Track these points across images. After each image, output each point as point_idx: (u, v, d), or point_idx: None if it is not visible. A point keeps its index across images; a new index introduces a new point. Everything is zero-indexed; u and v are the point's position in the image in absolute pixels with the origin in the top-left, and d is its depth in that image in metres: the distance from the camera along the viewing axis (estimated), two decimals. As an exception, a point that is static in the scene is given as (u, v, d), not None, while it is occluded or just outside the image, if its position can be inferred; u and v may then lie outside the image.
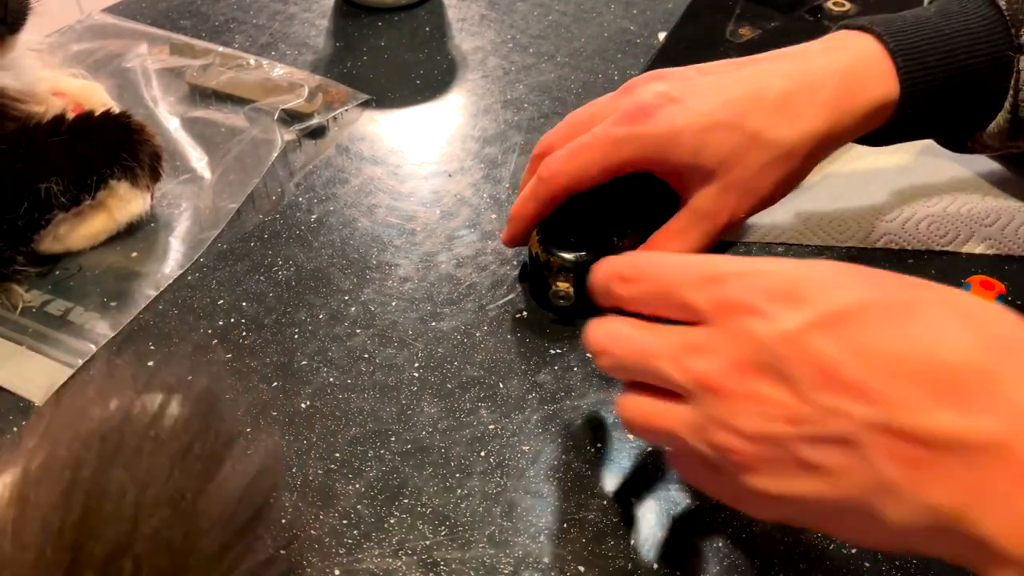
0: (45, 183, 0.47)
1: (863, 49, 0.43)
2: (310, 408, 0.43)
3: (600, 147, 0.43)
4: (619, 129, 0.43)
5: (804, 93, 0.43)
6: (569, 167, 0.44)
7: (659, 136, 0.42)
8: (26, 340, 0.46)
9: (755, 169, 0.43)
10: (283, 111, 0.60)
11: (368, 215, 0.54)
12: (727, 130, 0.42)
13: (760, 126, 0.42)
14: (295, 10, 0.72)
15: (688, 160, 0.43)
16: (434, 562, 0.37)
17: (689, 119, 0.42)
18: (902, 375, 0.27)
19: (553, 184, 0.44)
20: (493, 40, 0.69)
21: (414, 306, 0.48)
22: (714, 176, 0.43)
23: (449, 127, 0.61)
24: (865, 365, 0.27)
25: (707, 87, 0.43)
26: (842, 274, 0.30)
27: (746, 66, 0.44)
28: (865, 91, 0.43)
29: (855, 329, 0.28)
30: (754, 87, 0.43)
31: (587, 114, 0.46)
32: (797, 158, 0.43)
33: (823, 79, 0.43)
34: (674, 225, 0.45)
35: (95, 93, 0.58)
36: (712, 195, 0.44)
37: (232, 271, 0.50)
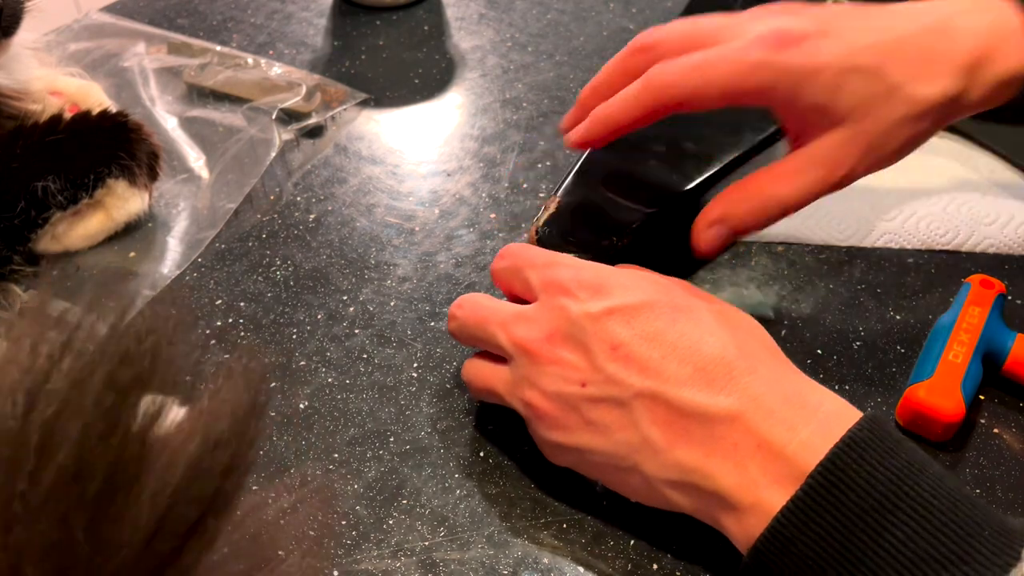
0: (42, 181, 0.47)
1: (1002, 15, 0.39)
2: (308, 408, 0.43)
3: (730, 67, 0.39)
4: (756, 52, 0.38)
5: (944, 51, 0.39)
6: (689, 80, 0.39)
7: (799, 69, 0.38)
8: (23, 340, 0.46)
9: (888, 123, 0.39)
10: (281, 110, 0.60)
11: (366, 215, 0.54)
12: (868, 76, 0.38)
13: (901, 78, 0.39)
14: (293, 9, 0.72)
15: (822, 100, 0.39)
16: (433, 563, 0.37)
17: (833, 56, 0.38)
18: (672, 357, 0.34)
19: (664, 94, 0.40)
20: (492, 39, 0.69)
21: (413, 306, 0.48)
22: (844, 122, 0.39)
23: (448, 126, 0.61)
24: (646, 345, 0.35)
25: (850, 27, 0.39)
26: (641, 279, 0.38)
27: (879, 14, 0.40)
28: (1002, 60, 0.39)
29: (642, 320, 0.35)
30: (895, 36, 0.39)
31: (712, 27, 0.41)
32: (928, 119, 0.40)
33: (963, 40, 0.39)
34: (786, 166, 0.41)
35: (92, 92, 0.58)
36: (837, 143, 0.40)
37: (230, 271, 0.50)
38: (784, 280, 0.49)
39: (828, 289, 0.49)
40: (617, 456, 0.35)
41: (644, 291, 0.36)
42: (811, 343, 0.46)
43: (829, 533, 0.31)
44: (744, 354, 0.35)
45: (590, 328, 0.35)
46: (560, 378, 0.36)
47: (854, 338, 0.46)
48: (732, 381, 0.34)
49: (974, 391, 0.41)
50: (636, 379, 0.34)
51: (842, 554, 0.30)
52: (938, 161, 0.56)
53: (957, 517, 0.30)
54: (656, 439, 0.34)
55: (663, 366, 0.34)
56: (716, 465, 0.33)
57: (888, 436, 0.32)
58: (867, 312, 0.47)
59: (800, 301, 0.48)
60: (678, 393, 0.34)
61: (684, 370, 0.34)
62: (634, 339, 0.35)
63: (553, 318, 0.37)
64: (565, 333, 0.36)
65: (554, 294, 0.37)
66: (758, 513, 0.32)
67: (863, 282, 0.49)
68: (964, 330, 0.42)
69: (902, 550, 0.30)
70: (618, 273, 0.38)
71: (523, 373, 0.37)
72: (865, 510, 0.30)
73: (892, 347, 0.45)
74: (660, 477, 0.34)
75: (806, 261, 0.50)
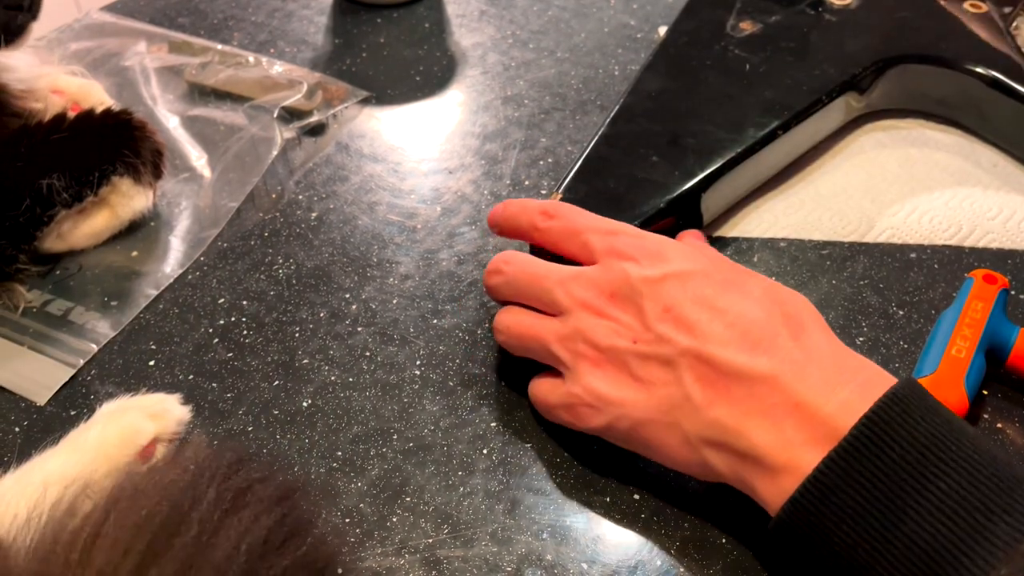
0: (47, 180, 0.47)
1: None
2: (311, 407, 0.43)
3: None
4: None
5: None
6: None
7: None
8: (27, 340, 0.46)
9: None
10: (282, 109, 0.60)
11: (368, 213, 0.54)
12: None
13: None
14: (294, 7, 0.72)
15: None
16: (436, 560, 0.37)
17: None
18: (719, 321, 0.36)
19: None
20: (493, 36, 0.69)
21: (415, 304, 0.48)
22: None
23: (449, 124, 0.61)
24: (696, 308, 0.36)
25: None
26: (698, 251, 0.40)
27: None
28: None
29: (695, 285, 0.37)
30: None
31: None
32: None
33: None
34: None
35: (93, 91, 0.58)
36: None
37: (232, 270, 0.50)
38: (787, 276, 0.49)
39: (831, 285, 0.48)
40: (659, 411, 0.36)
41: (700, 261, 0.39)
42: (814, 339, 0.46)
43: (873, 484, 0.31)
44: (790, 323, 0.36)
45: (646, 291, 0.37)
46: (614, 333, 0.38)
47: (857, 334, 0.46)
48: (774, 346, 0.35)
49: (977, 386, 0.41)
50: (683, 338, 0.36)
51: (886, 505, 0.31)
52: (941, 156, 0.56)
53: (999, 471, 0.31)
54: (697, 396, 0.35)
55: (710, 328, 0.36)
56: (753, 424, 0.34)
57: (928, 396, 0.33)
58: (870, 307, 0.47)
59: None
60: (721, 352, 0.35)
61: (729, 333, 0.35)
62: (686, 302, 0.37)
63: (614, 279, 0.39)
64: (624, 295, 0.38)
65: (616, 258, 0.39)
66: (792, 472, 0.33)
67: (866, 277, 0.49)
68: (967, 325, 0.42)
69: (946, 500, 0.30)
70: (677, 244, 0.40)
71: (578, 326, 0.38)
72: (909, 462, 0.31)
73: (895, 342, 0.45)
74: (698, 435, 0.35)
75: (809, 257, 0.50)
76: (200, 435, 0.41)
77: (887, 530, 0.31)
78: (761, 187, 0.54)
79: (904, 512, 0.31)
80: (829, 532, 0.32)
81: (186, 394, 0.42)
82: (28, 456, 0.38)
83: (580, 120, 0.60)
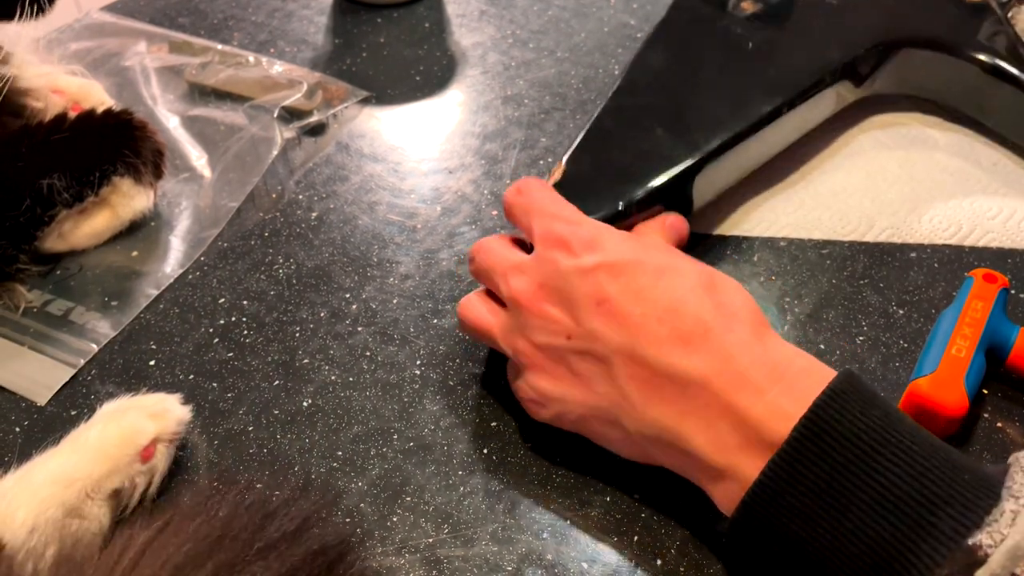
0: (48, 179, 0.47)
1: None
2: (312, 406, 0.43)
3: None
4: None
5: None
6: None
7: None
8: (27, 340, 0.46)
9: None
10: (283, 108, 0.60)
11: (369, 212, 0.54)
12: None
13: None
14: (294, 7, 0.72)
15: None
16: (437, 560, 0.37)
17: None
18: (652, 316, 0.35)
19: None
20: (492, 36, 0.69)
21: (415, 303, 0.48)
22: None
23: (449, 123, 0.61)
24: (630, 302, 0.36)
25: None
26: (633, 238, 0.39)
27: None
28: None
29: (628, 275, 0.37)
30: None
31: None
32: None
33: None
34: None
35: (93, 91, 0.58)
36: None
37: (233, 269, 0.50)
38: (786, 275, 0.49)
39: (831, 284, 0.48)
40: (600, 408, 0.37)
41: (634, 249, 0.38)
42: (814, 338, 0.46)
43: (817, 484, 0.31)
44: (723, 315, 0.35)
45: (578, 283, 0.37)
46: (548, 331, 0.38)
47: (857, 333, 0.46)
48: (707, 342, 0.35)
49: (977, 385, 0.41)
50: (616, 336, 0.36)
51: (831, 503, 0.31)
52: (940, 155, 0.56)
53: (939, 462, 0.31)
54: (633, 395, 0.35)
55: (643, 324, 0.35)
56: (689, 426, 0.34)
57: (865, 389, 0.33)
58: (870, 307, 0.47)
59: (803, 296, 0.48)
60: (654, 352, 0.35)
61: (662, 329, 0.35)
62: (619, 294, 0.36)
63: (545, 271, 0.38)
64: (553, 287, 0.38)
65: (550, 247, 0.39)
66: (734, 478, 0.33)
67: (866, 277, 0.49)
68: (967, 324, 0.42)
69: (887, 495, 0.30)
70: (612, 232, 0.39)
71: (517, 322, 0.39)
72: (850, 460, 0.31)
73: (895, 342, 0.45)
74: (639, 432, 0.36)
75: (808, 256, 0.50)
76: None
77: (835, 528, 0.31)
78: (761, 186, 0.54)
79: (848, 509, 0.31)
80: (781, 531, 0.32)
81: (186, 394, 0.42)
82: (28, 456, 0.38)
83: (580, 120, 0.60)
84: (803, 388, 0.33)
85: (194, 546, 0.27)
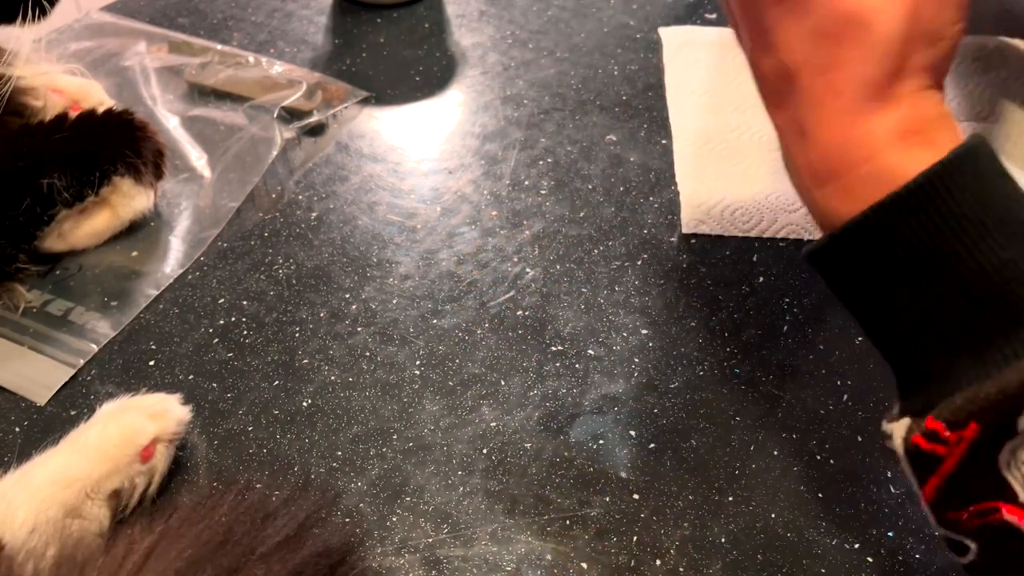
0: (48, 179, 0.47)
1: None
2: (312, 406, 0.43)
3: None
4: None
5: None
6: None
7: None
8: (27, 340, 0.46)
9: None
10: (282, 109, 0.60)
11: (368, 213, 0.54)
12: None
13: None
14: (294, 7, 0.72)
15: None
16: (436, 560, 0.37)
17: None
18: None
19: None
20: (492, 36, 0.69)
21: (415, 304, 0.48)
22: None
23: (449, 124, 0.61)
24: None
25: None
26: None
27: None
28: None
29: None
30: None
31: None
32: None
33: None
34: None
35: (92, 91, 0.58)
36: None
37: (233, 270, 0.50)
38: (787, 276, 0.49)
39: (830, 285, 0.49)
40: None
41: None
42: (813, 339, 0.46)
43: (934, 230, 0.29)
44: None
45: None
46: None
47: (856, 333, 0.46)
48: None
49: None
50: None
51: (938, 256, 0.29)
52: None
53: None
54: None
55: None
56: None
57: (998, 161, 0.30)
58: (869, 307, 0.47)
59: (802, 297, 0.48)
60: None
61: None
62: None
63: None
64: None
65: None
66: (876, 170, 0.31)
67: (865, 277, 0.49)
68: (966, 325, 0.42)
69: (998, 273, 0.28)
70: None
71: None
72: (970, 222, 0.29)
73: (894, 342, 0.45)
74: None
75: (808, 257, 0.50)
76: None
77: (929, 287, 0.29)
78: (760, 186, 0.54)
79: (952, 271, 0.29)
80: (898, 255, 0.30)
81: (186, 394, 0.43)
82: (28, 456, 0.38)
83: (579, 120, 0.60)
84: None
85: (196, 551, 0.27)
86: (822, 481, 0.40)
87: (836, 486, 0.40)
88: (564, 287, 0.49)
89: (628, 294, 0.48)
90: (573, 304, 0.48)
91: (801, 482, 0.40)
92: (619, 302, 0.48)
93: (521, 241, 0.52)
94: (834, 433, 0.42)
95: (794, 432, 0.42)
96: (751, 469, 0.40)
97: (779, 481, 0.40)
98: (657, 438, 0.41)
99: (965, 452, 0.28)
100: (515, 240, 0.52)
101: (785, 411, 0.43)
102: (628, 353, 0.45)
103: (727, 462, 0.41)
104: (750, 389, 0.44)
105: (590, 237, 0.52)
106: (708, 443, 0.41)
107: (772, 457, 0.41)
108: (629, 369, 0.45)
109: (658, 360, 0.45)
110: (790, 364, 0.45)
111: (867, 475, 0.40)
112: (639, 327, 0.47)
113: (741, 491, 0.39)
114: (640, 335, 0.46)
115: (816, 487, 0.40)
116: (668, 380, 0.44)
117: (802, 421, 0.42)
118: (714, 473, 0.40)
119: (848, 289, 0.32)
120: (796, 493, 0.39)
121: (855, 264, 0.31)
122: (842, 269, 0.32)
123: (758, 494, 0.39)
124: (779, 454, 0.41)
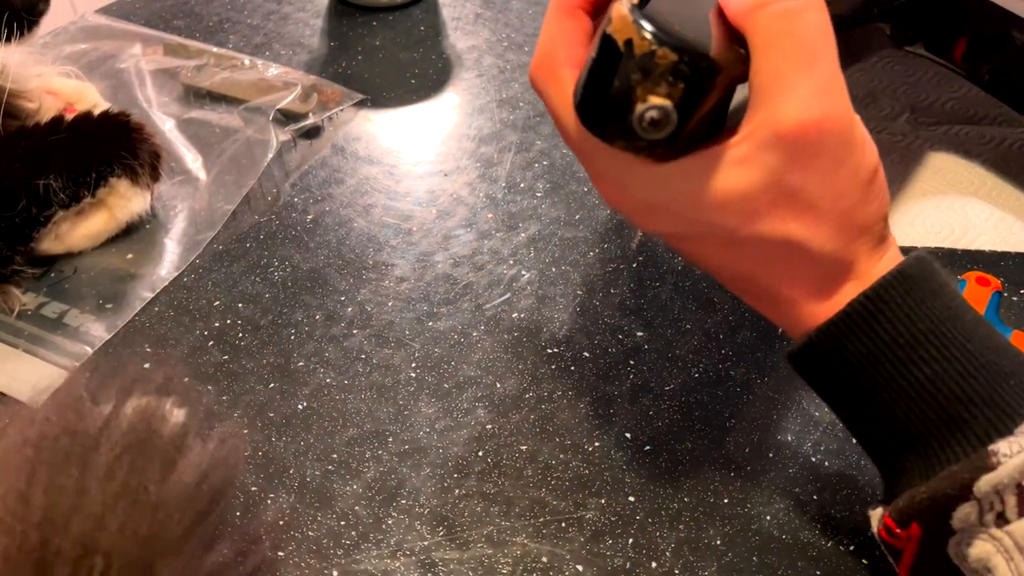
0: (43, 180, 0.47)
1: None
2: (307, 409, 0.43)
3: None
4: None
5: None
6: None
7: None
8: (21, 343, 0.46)
9: None
10: (278, 111, 0.60)
11: (364, 215, 0.54)
12: None
13: None
14: (289, 10, 0.72)
15: None
16: (432, 563, 0.37)
17: None
18: None
19: None
20: (488, 39, 0.69)
21: (411, 306, 0.48)
22: None
23: (445, 126, 0.61)
24: None
25: None
26: None
27: None
28: None
29: None
30: None
31: None
32: None
33: None
34: None
35: (87, 93, 0.58)
36: None
37: (228, 272, 0.50)
38: (781, 278, 0.49)
39: (825, 287, 0.49)
40: None
41: None
42: (808, 341, 0.46)
43: (866, 353, 0.31)
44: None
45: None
46: None
47: (851, 336, 0.46)
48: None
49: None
50: None
51: (874, 379, 0.31)
52: (933, 158, 0.56)
53: (986, 362, 0.31)
54: None
55: None
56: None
57: (936, 276, 0.32)
58: (864, 310, 0.47)
59: (797, 299, 0.48)
60: None
61: None
62: None
63: None
64: None
65: None
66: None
67: (859, 280, 0.49)
68: (960, 327, 0.42)
69: (927, 386, 0.30)
70: None
71: None
72: (898, 343, 0.31)
73: (889, 345, 0.46)
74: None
75: (803, 259, 0.50)
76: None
77: (872, 400, 0.31)
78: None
79: (886, 388, 0.31)
80: (836, 374, 0.33)
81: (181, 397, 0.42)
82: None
83: (575, 123, 0.60)
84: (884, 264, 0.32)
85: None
86: (818, 483, 0.40)
87: (832, 488, 0.40)
88: (559, 289, 0.49)
89: (623, 296, 0.48)
90: (568, 306, 0.48)
91: (797, 484, 0.40)
92: (614, 304, 0.48)
93: (517, 244, 0.52)
94: (829, 435, 0.42)
95: (789, 434, 0.42)
96: (747, 471, 0.40)
97: (774, 483, 0.40)
98: (653, 440, 0.42)
99: (917, 548, 0.31)
100: (511, 243, 0.52)
101: (780, 414, 0.43)
102: (623, 355, 0.45)
103: (722, 464, 0.41)
104: (745, 391, 0.44)
105: (585, 240, 0.52)
106: (704, 445, 0.41)
107: (767, 459, 0.41)
108: (624, 371, 0.45)
109: (653, 362, 0.45)
110: (785, 367, 0.45)
111: (863, 478, 0.40)
112: (634, 329, 0.47)
113: (737, 493, 0.40)
114: (635, 337, 0.46)
115: (812, 489, 0.40)
116: (663, 382, 0.44)
117: (797, 423, 0.42)
118: (710, 475, 0.40)
119: (819, 391, 0.34)
120: (792, 495, 0.39)
121: (816, 373, 0.34)
122: (809, 375, 0.34)
123: (754, 496, 0.39)
124: (774, 456, 0.41)
